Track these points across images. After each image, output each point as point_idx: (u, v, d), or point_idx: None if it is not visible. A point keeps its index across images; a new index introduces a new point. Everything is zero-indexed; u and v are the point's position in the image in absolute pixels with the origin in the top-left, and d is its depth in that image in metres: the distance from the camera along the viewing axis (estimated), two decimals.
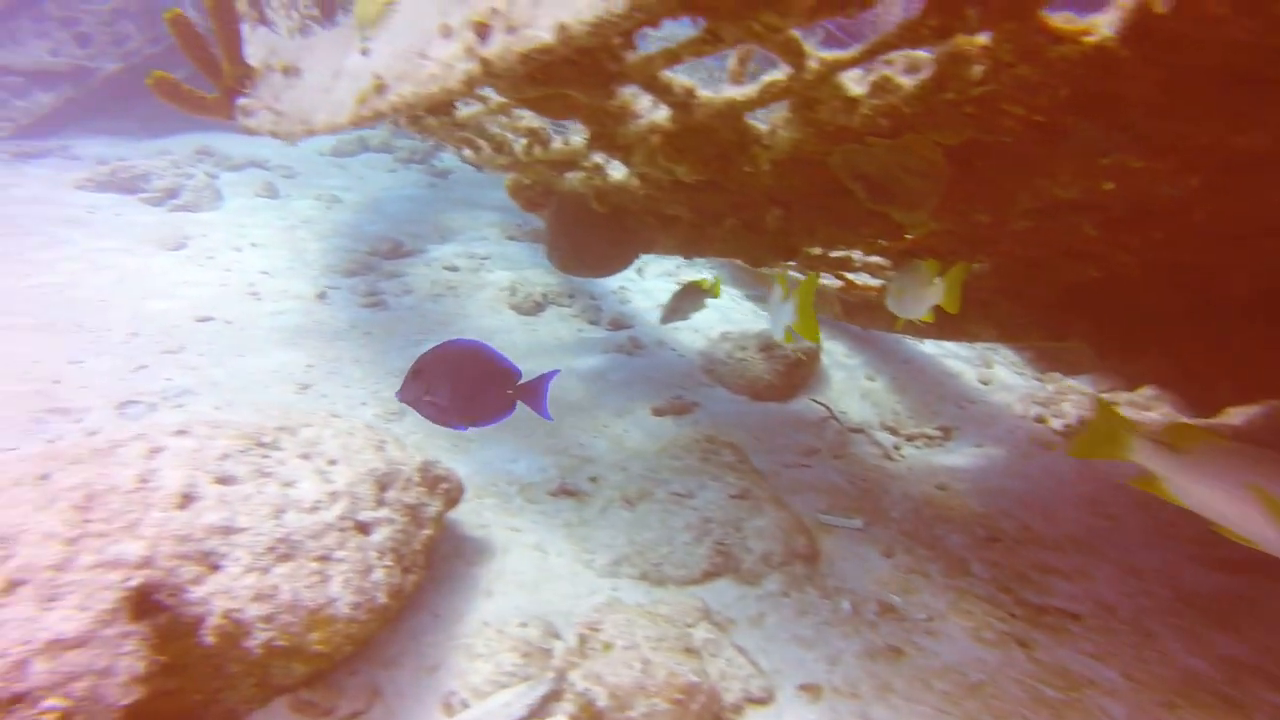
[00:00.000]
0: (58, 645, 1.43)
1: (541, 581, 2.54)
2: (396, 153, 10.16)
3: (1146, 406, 4.11)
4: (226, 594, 1.66)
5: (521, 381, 2.11)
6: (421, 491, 2.34)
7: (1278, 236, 2.25)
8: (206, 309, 4.79)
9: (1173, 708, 2.17)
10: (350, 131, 9.64)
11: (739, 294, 6.40)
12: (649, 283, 6.13)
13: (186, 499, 1.78)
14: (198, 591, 1.64)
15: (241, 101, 3.93)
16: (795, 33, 2.02)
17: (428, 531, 2.29)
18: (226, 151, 8.88)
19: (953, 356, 4.92)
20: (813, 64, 2.04)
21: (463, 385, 2.03)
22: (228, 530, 1.75)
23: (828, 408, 4.09)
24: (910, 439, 4.10)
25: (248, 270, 5.55)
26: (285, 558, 1.79)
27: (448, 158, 10.34)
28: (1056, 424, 4.03)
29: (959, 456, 3.83)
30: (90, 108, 9.80)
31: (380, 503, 2.12)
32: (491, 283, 5.75)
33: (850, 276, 4.16)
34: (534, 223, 7.15)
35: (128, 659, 1.52)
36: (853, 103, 2.13)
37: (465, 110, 3.34)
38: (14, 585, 1.48)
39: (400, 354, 4.45)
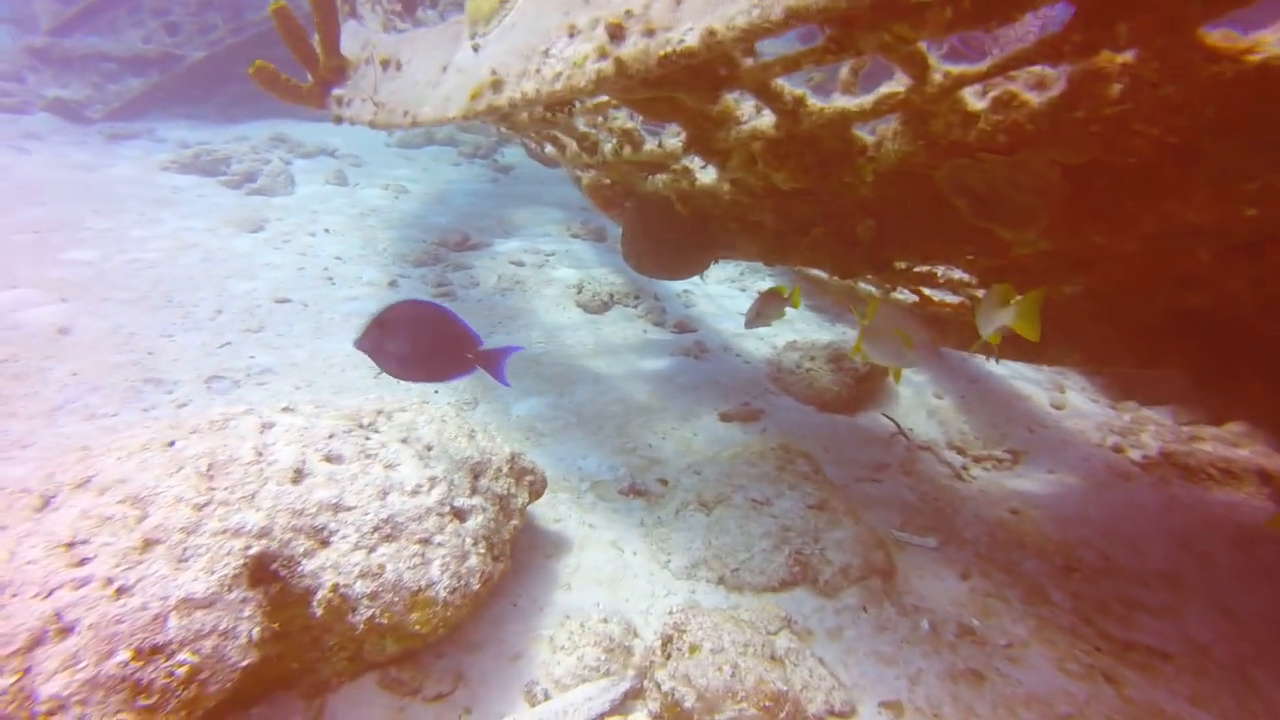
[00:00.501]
0: (189, 604, 1.48)
1: (619, 579, 2.55)
2: (461, 146, 10.34)
3: (1235, 443, 3.95)
4: (335, 569, 1.70)
5: (483, 349, 2.14)
6: (510, 482, 2.37)
7: None
8: (285, 290, 4.93)
9: None
10: (459, 124, 9.87)
11: (805, 301, 6.34)
12: (712, 288, 6.12)
13: (299, 474, 1.83)
14: (309, 565, 1.68)
15: (337, 91, 4.05)
16: (922, 45, 2.00)
17: (515, 522, 2.32)
18: (299, 139, 9.14)
19: (1021, 378, 4.81)
20: (937, 76, 2.01)
21: (422, 342, 2.04)
22: (337, 507, 1.80)
23: (896, 423, 4.03)
24: (978, 460, 4.01)
25: (322, 255, 5.70)
26: (389, 538, 1.83)
27: (510, 153, 10.49)
28: (1135, 455, 3.90)
29: (1031, 481, 3.73)
30: (174, 93, 10.19)
31: (474, 490, 2.16)
32: (557, 279, 5.81)
33: (928, 292, 4.09)
34: (596, 220, 7.21)
35: (247, 623, 1.57)
36: (971, 117, 2.10)
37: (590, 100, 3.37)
38: (150, 544, 1.54)
39: None
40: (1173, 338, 3.01)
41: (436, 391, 3.92)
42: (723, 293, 6.01)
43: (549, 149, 4.32)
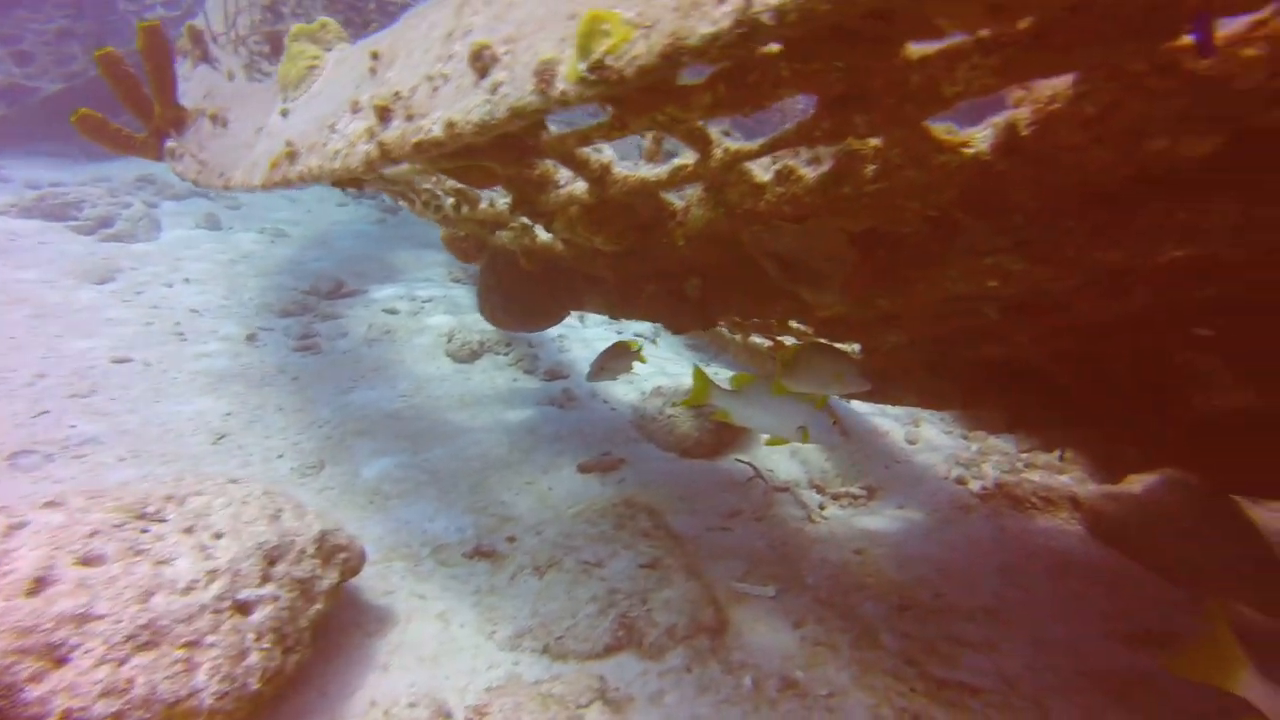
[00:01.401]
0: None
1: (442, 654, 2.47)
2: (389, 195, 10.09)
3: (1061, 470, 4.23)
4: (70, 691, 1.57)
5: None
6: (315, 563, 2.27)
7: (1148, 331, 2.36)
8: (127, 348, 4.63)
9: None
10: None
11: (680, 342, 6.45)
12: (589, 331, 6.14)
13: (40, 583, 1.69)
14: (36, 691, 1.54)
15: (170, 144, 3.88)
16: (701, 123, 2.08)
17: (319, 606, 2.21)
18: (169, 179, 8.69)
19: (882, 415, 5.02)
20: (718, 152, 2.09)
21: None
22: (84, 618, 1.67)
23: (754, 467, 4.12)
24: (836, 498, 4.14)
25: (177, 307, 5.40)
26: (147, 646, 1.71)
27: None
28: (976, 486, 4.12)
29: (880, 519, 3.87)
30: (30, 128, 9.54)
31: (266, 579, 2.05)
32: (431, 327, 5.70)
33: (780, 338, 4.23)
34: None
35: None
36: (759, 188, 2.19)
37: (393, 169, 3.33)
38: None
39: (327, 403, 4.36)
40: (987, 383, 3.21)
41: (281, 456, 3.74)
42: (599, 335, 6.04)
43: (402, 202, 4.26)
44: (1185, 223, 1.61)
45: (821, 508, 4.02)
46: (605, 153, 2.67)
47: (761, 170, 2.17)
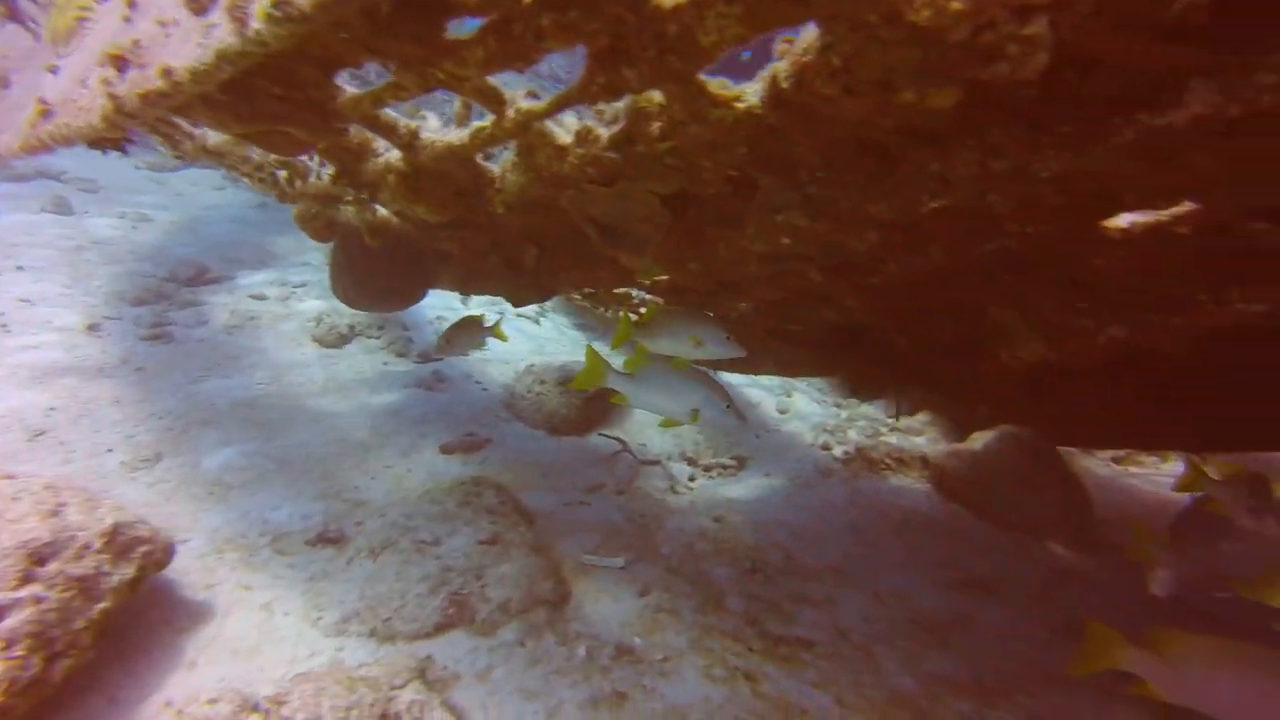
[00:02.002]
0: None
1: (261, 646, 2.35)
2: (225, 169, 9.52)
3: (920, 432, 4.42)
4: None
5: None
6: (103, 559, 2.11)
7: (959, 288, 2.46)
8: None
9: None
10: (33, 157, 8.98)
11: (567, 322, 6.40)
12: (471, 312, 6.00)
13: None
14: None
15: None
16: (493, 81, 2.01)
17: (104, 605, 2.06)
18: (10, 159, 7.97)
19: (756, 386, 5.11)
20: (511, 112, 2.04)
21: None
22: None
23: (622, 442, 4.12)
24: (707, 469, 4.19)
25: (2, 298, 4.95)
26: None
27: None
28: (838, 451, 4.24)
29: (744, 487, 3.95)
30: None
31: (28, 579, 1.89)
32: (300, 313, 5.44)
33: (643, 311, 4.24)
34: None
35: None
36: (562, 150, 2.14)
37: (215, 138, 3.13)
38: None
39: (174, 393, 4.09)
40: (832, 347, 3.29)
41: (110, 450, 3.49)
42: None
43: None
44: (937, 175, 1.66)
45: (691, 479, 4.06)
46: (430, 120, 2.58)
47: (564, 132, 2.13)
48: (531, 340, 5.62)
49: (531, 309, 6.22)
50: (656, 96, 1.85)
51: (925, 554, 3.28)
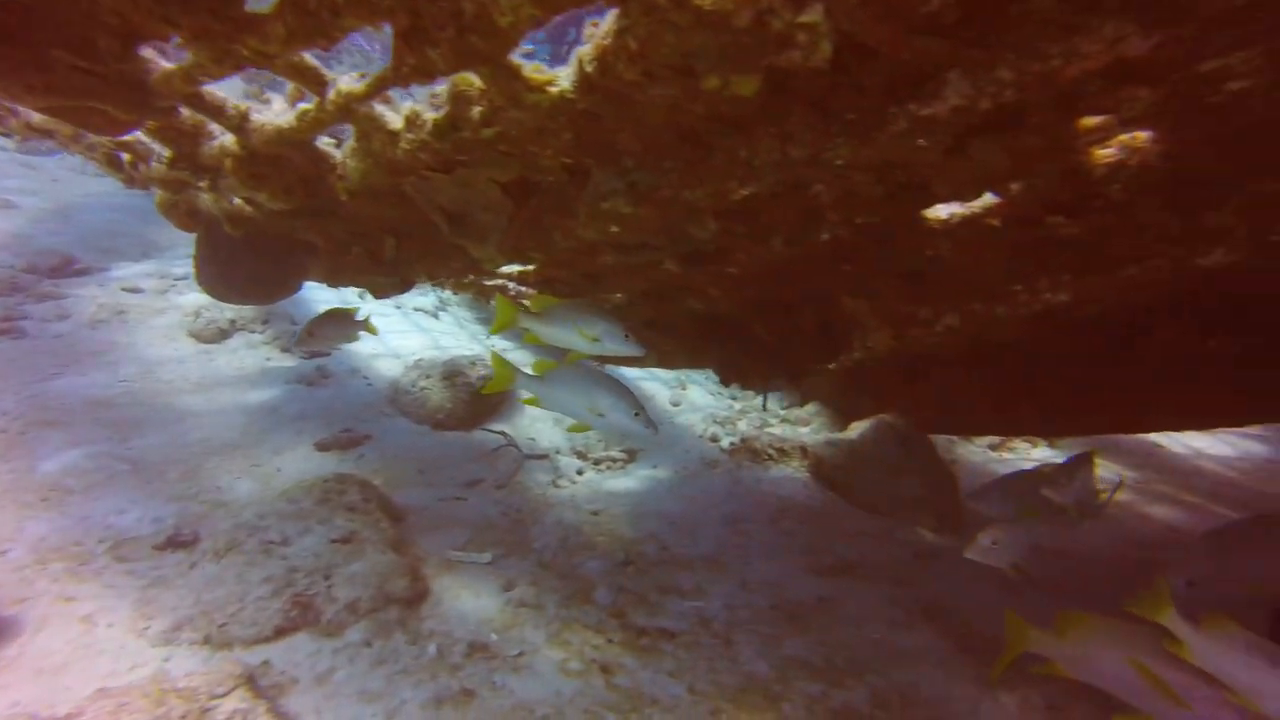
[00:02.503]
0: None
1: (72, 662, 2.20)
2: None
3: (807, 422, 4.51)
4: None
5: None
6: None
7: (811, 278, 2.51)
8: None
9: (717, 713, 2.30)
10: None
11: (469, 316, 6.28)
12: (370, 307, 5.82)
13: None
14: None
15: None
16: (310, 59, 1.93)
17: None
18: None
19: (651, 378, 5.13)
20: (331, 94, 1.96)
21: None
22: None
23: (507, 436, 4.06)
24: (597, 463, 4.17)
25: None
26: None
27: None
28: (725, 443, 4.29)
29: (631, 480, 3.95)
30: None
31: None
32: (177, 306, 5.16)
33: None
34: None
35: None
36: (394, 135, 2.08)
37: (40, 115, 2.91)
38: None
39: (15, 393, 3.81)
40: (702, 338, 3.32)
41: None
42: (373, 310, 5.72)
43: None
44: (744, 162, 1.68)
45: (579, 473, 4.04)
46: (276, 103, 2.46)
47: (396, 117, 2.07)
48: (426, 334, 5.49)
49: (430, 301, 6.08)
50: (476, 80, 1.81)
51: (797, 541, 3.35)
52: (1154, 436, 4.95)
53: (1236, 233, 1.70)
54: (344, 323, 3.29)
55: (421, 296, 6.21)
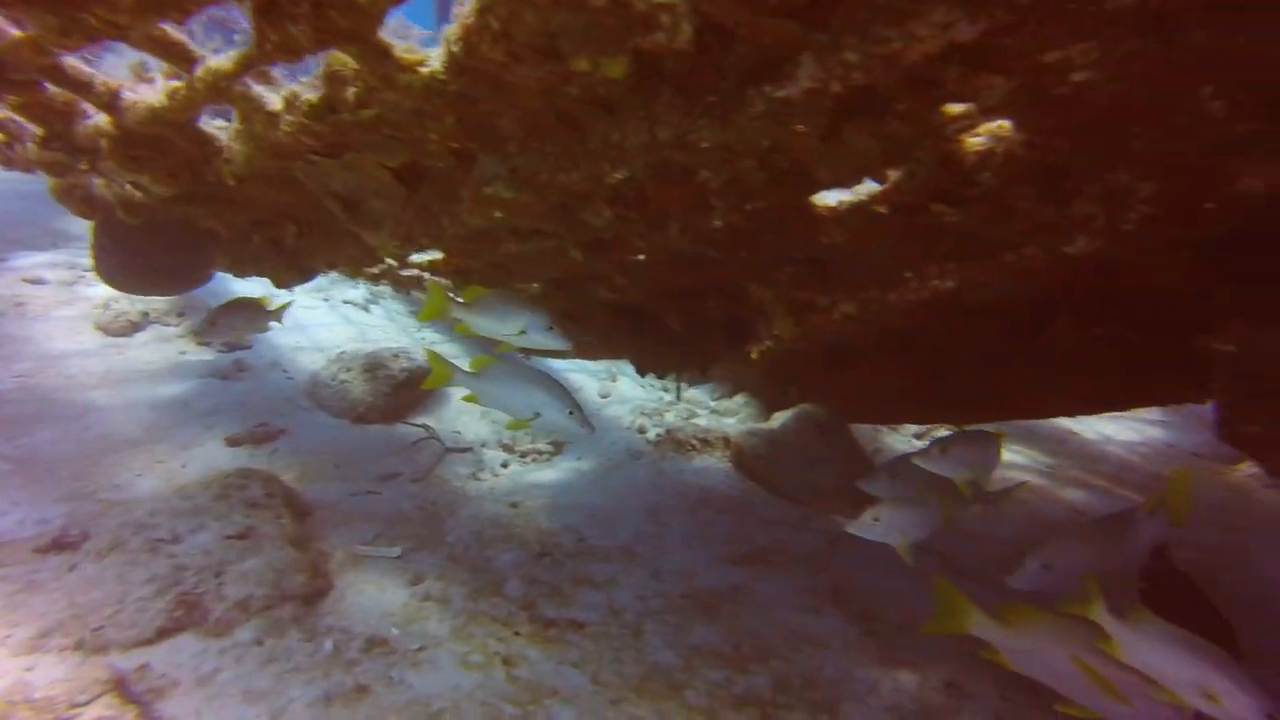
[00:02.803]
0: None
1: None
2: None
3: (734, 413, 4.54)
4: None
5: None
6: None
7: (714, 266, 2.51)
8: None
9: (619, 702, 2.29)
10: None
11: (402, 309, 6.16)
12: (297, 300, 5.65)
13: None
14: None
15: None
16: (174, 31, 1.85)
17: None
18: None
19: (582, 370, 5.10)
20: (200, 71, 1.88)
21: None
22: None
23: (428, 429, 3.99)
24: (523, 456, 4.14)
25: None
26: None
27: None
28: (652, 434, 4.30)
29: (554, 472, 3.92)
30: None
31: None
32: (85, 298, 4.93)
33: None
34: None
35: None
36: (273, 117, 2.01)
37: None
38: None
39: None
40: (617, 330, 3.30)
41: None
42: (301, 304, 5.57)
43: None
44: (616, 144, 1.66)
45: (504, 466, 3.99)
46: (160, 81, 2.35)
47: (275, 98, 1.99)
48: (354, 327, 5.36)
49: (361, 294, 5.94)
50: (349, 61, 1.76)
51: (714, 531, 3.37)
52: (1066, 424, 5.13)
53: (1097, 222, 1.75)
54: (250, 312, 3.18)
55: (353, 289, 6.06)
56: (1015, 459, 4.55)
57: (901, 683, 2.56)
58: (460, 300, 2.33)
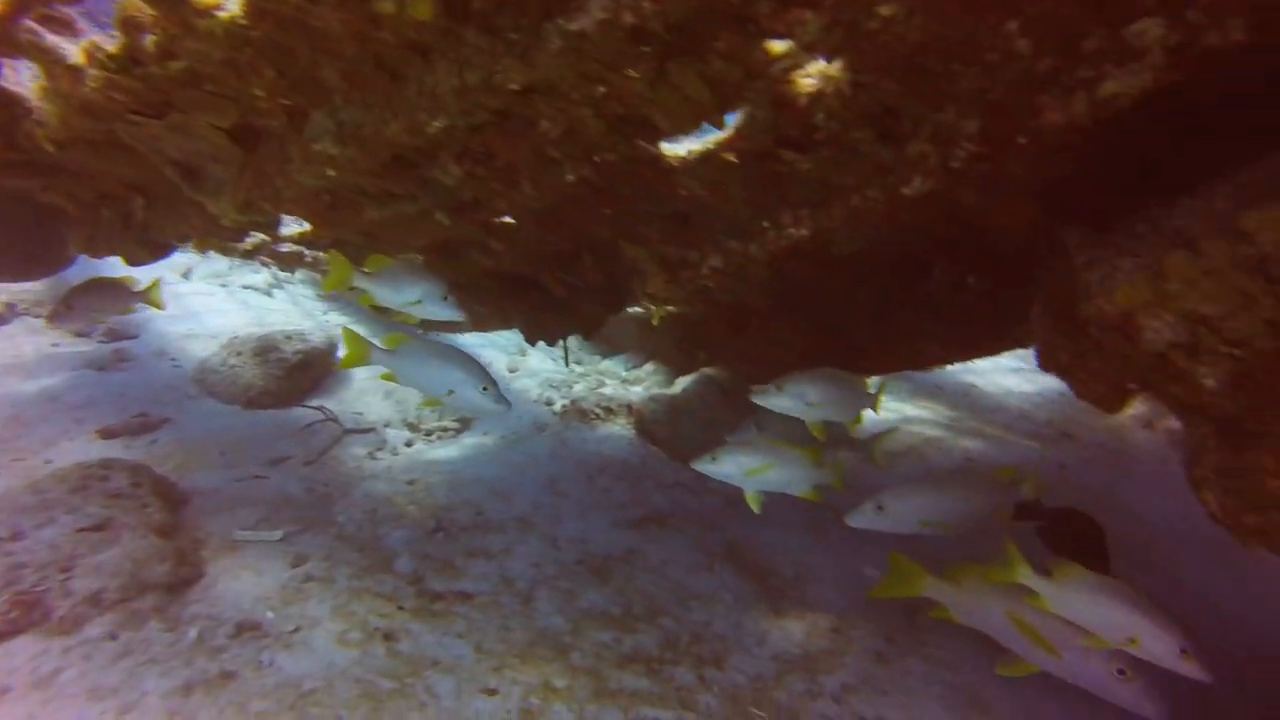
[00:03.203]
0: None
1: None
2: None
3: (642, 381, 4.54)
4: None
5: None
6: None
7: (581, 224, 2.47)
8: None
9: (501, 669, 2.27)
10: None
11: (310, 294, 5.95)
12: (185, 286, 5.40)
13: None
14: None
15: None
16: None
17: None
18: None
19: (491, 346, 5.02)
20: None
21: None
22: None
23: (325, 410, 3.87)
24: (428, 434, 4.05)
25: None
26: None
27: None
28: (559, 405, 4.26)
29: (457, 448, 3.85)
30: None
31: None
32: None
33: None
34: None
35: None
36: (76, 72, 1.86)
37: None
38: None
39: None
40: (504, 298, 3.24)
41: None
42: (196, 290, 5.32)
43: None
44: (430, 91, 1.60)
45: (408, 444, 3.90)
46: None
47: (73, 49, 1.85)
48: (252, 312, 5.14)
49: (263, 279, 5.69)
50: (143, 5, 1.63)
51: (612, 497, 3.36)
52: (970, 378, 5.30)
53: (930, 161, 1.77)
54: (111, 293, 2.99)
55: (254, 274, 5.81)
56: (920, 414, 4.68)
57: (790, 631, 2.61)
58: (364, 270, 2.29)
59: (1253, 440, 1.10)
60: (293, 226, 3.02)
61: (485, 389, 2.32)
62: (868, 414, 2.79)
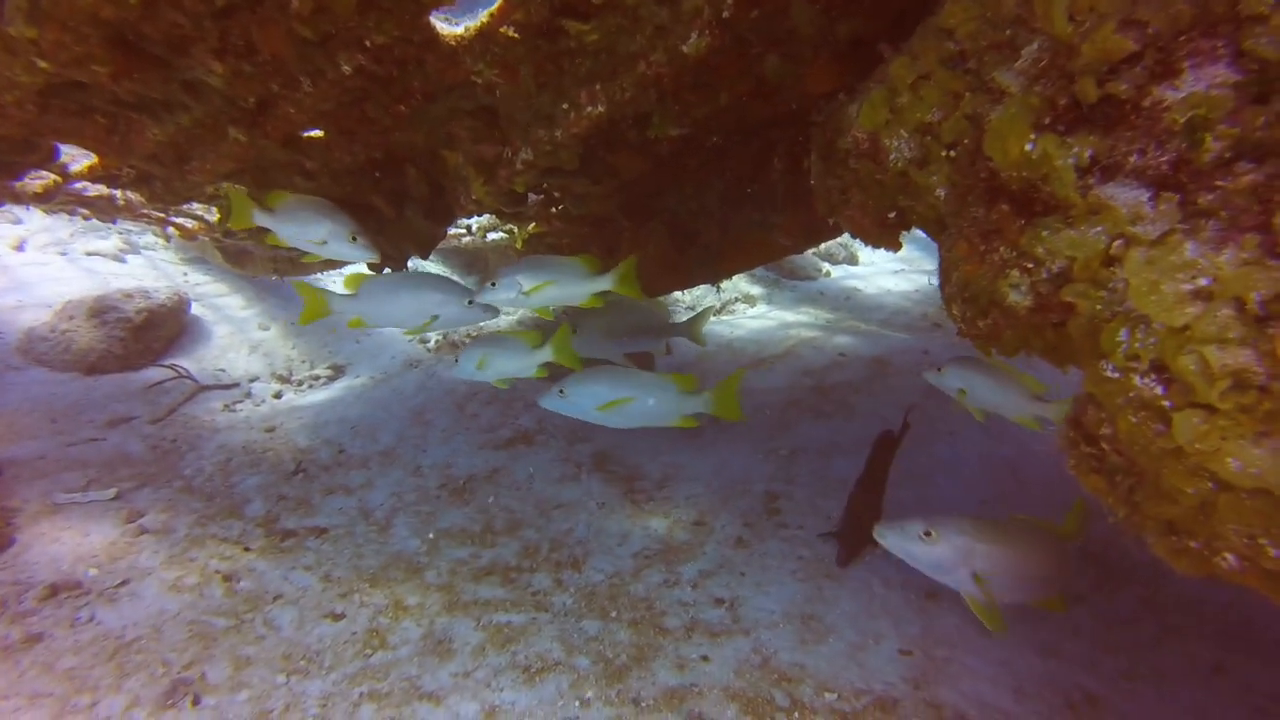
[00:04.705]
0: None
1: None
2: None
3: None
4: None
5: None
6: None
7: (383, 130, 2.33)
8: None
9: (349, 595, 2.21)
10: None
11: (172, 257, 5.56)
12: (20, 256, 4.96)
13: None
14: None
15: None
16: None
17: None
18: None
19: None
20: None
21: None
22: None
23: (177, 369, 3.64)
24: (299, 384, 3.88)
25: None
26: None
27: None
28: (432, 342, 4.14)
29: (325, 394, 3.70)
30: None
31: None
32: None
33: (180, 221, 3.72)
34: None
35: None
36: None
37: None
38: None
39: None
40: None
41: None
42: (30, 261, 4.89)
43: None
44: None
45: (277, 396, 3.73)
46: None
47: None
48: (98, 278, 4.76)
49: (111, 245, 5.27)
50: None
51: (479, 421, 3.30)
52: (852, 283, 5.40)
53: (703, 15, 1.71)
54: None
55: (100, 239, 5.37)
56: (801, 318, 4.75)
57: (652, 529, 2.62)
58: (266, 207, 2.17)
59: (955, 233, 1.10)
60: (81, 160, 2.76)
61: (470, 303, 2.20)
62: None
